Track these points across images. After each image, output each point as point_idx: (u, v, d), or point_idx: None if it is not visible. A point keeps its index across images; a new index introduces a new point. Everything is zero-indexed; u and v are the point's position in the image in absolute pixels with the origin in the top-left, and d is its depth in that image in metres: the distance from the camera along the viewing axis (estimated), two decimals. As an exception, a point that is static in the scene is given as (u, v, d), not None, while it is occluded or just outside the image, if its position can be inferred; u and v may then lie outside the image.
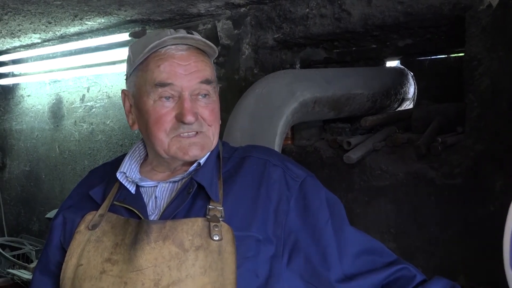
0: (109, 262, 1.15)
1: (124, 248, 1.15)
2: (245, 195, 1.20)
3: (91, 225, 1.22)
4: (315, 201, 1.22)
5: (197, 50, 1.23)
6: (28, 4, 2.49)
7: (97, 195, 1.28)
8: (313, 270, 1.17)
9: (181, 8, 2.57)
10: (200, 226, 1.14)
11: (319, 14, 2.31)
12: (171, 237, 1.13)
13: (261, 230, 1.16)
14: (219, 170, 1.24)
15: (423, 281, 1.20)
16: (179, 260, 1.11)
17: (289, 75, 2.14)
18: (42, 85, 4.21)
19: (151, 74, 1.19)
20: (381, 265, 1.21)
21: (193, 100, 1.19)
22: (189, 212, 1.17)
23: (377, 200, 2.15)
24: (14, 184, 4.54)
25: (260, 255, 1.14)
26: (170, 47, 1.20)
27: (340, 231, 1.21)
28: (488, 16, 1.81)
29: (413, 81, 2.64)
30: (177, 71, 1.18)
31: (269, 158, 1.26)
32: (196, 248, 1.12)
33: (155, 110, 1.19)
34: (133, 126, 1.28)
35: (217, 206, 1.17)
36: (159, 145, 1.20)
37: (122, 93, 1.30)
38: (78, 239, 1.22)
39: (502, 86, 1.79)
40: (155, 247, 1.12)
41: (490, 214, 1.83)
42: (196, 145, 1.20)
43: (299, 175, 1.24)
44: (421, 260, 2.01)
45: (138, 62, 1.22)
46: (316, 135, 2.48)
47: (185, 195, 1.19)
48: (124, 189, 1.25)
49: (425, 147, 1.99)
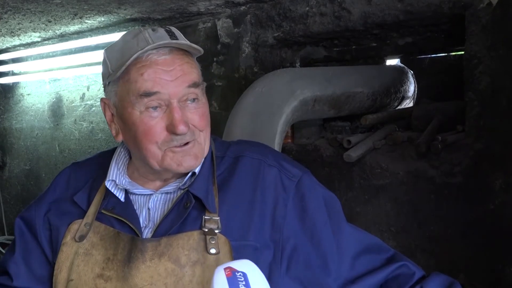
0: (102, 278, 1.11)
1: (117, 265, 1.11)
2: (240, 200, 1.16)
3: (78, 237, 1.17)
4: (313, 202, 1.19)
5: (180, 51, 1.14)
6: (28, 2, 2.49)
7: (81, 200, 1.22)
8: (313, 276, 1.15)
9: (181, 6, 2.56)
10: (196, 240, 1.10)
11: (319, 13, 2.31)
12: (167, 253, 1.09)
13: (258, 237, 1.13)
14: (213, 175, 1.19)
15: (422, 277, 1.19)
16: (176, 277, 1.08)
17: (289, 74, 2.14)
18: (42, 84, 4.21)
19: (134, 84, 1.10)
20: (379, 263, 1.20)
21: (182, 108, 1.12)
22: (184, 225, 1.13)
23: (377, 198, 2.15)
24: (14, 182, 4.54)
25: (258, 263, 1.11)
26: (151, 51, 1.11)
27: (338, 232, 1.19)
28: (488, 15, 1.81)
29: (413, 79, 2.64)
30: (162, 78, 1.10)
31: (263, 158, 1.21)
32: (193, 264, 1.09)
33: (142, 122, 1.11)
34: (117, 137, 1.20)
35: (213, 217, 1.12)
36: (152, 158, 1.13)
37: (102, 102, 1.21)
38: (65, 252, 1.17)
39: (502, 85, 1.79)
40: (151, 265, 1.09)
41: (490, 212, 1.83)
42: (190, 156, 1.14)
43: (295, 174, 1.20)
44: (421, 258, 2.01)
45: (119, 74, 1.12)
46: (316, 133, 2.48)
47: (181, 210, 1.14)
48: (112, 196, 1.19)
49: (425, 146, 1.99)
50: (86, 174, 1.29)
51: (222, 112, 2.64)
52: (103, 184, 1.20)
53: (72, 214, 1.21)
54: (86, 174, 1.28)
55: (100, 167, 1.25)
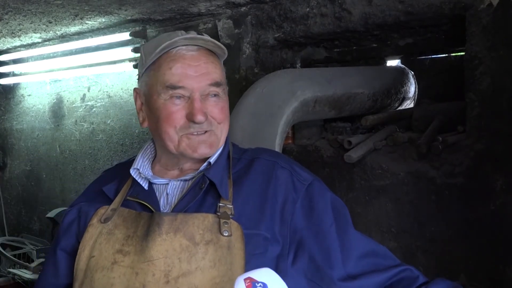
0: (121, 253, 1.18)
1: (136, 240, 1.18)
2: (253, 195, 1.23)
3: (103, 219, 1.25)
4: (321, 204, 1.24)
5: (207, 51, 1.26)
6: (28, 3, 2.50)
7: (110, 191, 1.32)
8: (316, 268, 1.19)
9: (182, 7, 2.57)
10: (211, 222, 1.17)
11: (320, 13, 2.31)
12: (182, 230, 1.16)
13: (269, 229, 1.18)
14: (229, 170, 1.27)
15: (425, 283, 1.20)
16: (190, 253, 1.14)
17: (290, 75, 2.14)
18: (43, 85, 4.21)
19: (163, 75, 1.22)
20: (384, 267, 1.22)
21: (203, 100, 1.23)
22: (200, 208, 1.20)
23: (377, 199, 2.15)
24: (15, 183, 4.54)
25: (267, 253, 1.16)
26: (181, 47, 1.23)
27: (344, 234, 1.23)
28: (488, 15, 1.81)
29: (413, 80, 2.64)
30: (188, 73, 1.21)
31: (277, 160, 1.29)
32: (206, 242, 1.14)
33: (166, 108, 1.22)
34: (143, 124, 1.32)
35: (227, 204, 1.20)
36: (169, 140, 1.23)
37: (134, 91, 1.33)
38: (90, 232, 1.25)
39: (502, 85, 1.80)
40: (166, 238, 1.15)
41: (491, 213, 1.83)
42: (205, 143, 1.24)
43: (306, 178, 1.27)
44: (422, 259, 2.01)
45: (149, 62, 1.25)
46: (316, 134, 2.48)
47: (197, 190, 1.22)
48: (137, 185, 1.28)
49: (425, 146, 1.99)
50: (116, 172, 1.39)
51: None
52: (130, 177, 1.30)
53: (100, 202, 1.30)
54: (116, 173, 1.39)
55: (129, 166, 1.32)
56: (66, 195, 3.99)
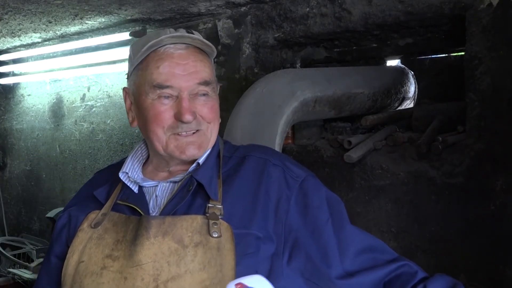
0: (110, 258, 1.16)
1: (125, 245, 1.16)
2: (244, 193, 1.20)
3: (94, 224, 1.24)
4: (315, 200, 1.22)
5: (196, 49, 1.23)
6: (28, 3, 2.49)
7: (101, 195, 1.30)
8: (313, 267, 1.17)
9: (182, 7, 2.57)
10: (200, 223, 1.15)
11: (320, 13, 2.31)
12: (171, 233, 1.14)
13: (261, 228, 1.16)
14: (219, 169, 1.24)
15: (424, 278, 1.20)
16: (178, 256, 1.12)
17: (290, 74, 2.14)
18: (43, 85, 4.21)
19: (150, 75, 1.20)
20: (382, 262, 1.21)
21: (191, 99, 1.21)
22: (189, 210, 1.18)
23: (377, 199, 2.15)
24: (14, 183, 4.54)
25: (260, 252, 1.14)
26: (169, 46, 1.21)
27: (340, 230, 1.21)
28: (488, 15, 1.81)
29: (413, 80, 2.64)
30: (175, 72, 1.19)
31: (269, 158, 1.26)
32: (195, 245, 1.13)
33: (154, 107, 1.20)
34: (133, 123, 1.30)
35: (216, 205, 1.17)
36: (157, 141, 1.22)
37: (124, 91, 1.31)
38: (80, 237, 1.23)
39: (502, 85, 1.80)
40: (155, 242, 1.13)
41: (491, 213, 1.83)
42: (194, 144, 1.22)
43: (299, 174, 1.25)
44: (422, 259, 2.01)
45: (137, 61, 1.23)
46: (316, 134, 2.48)
47: (185, 192, 1.20)
48: (127, 188, 1.27)
49: (425, 146, 1.99)
50: (107, 175, 1.37)
51: (222, 113, 2.61)
52: (121, 182, 1.28)
53: (91, 207, 1.29)
54: (107, 175, 1.37)
55: (120, 168, 1.30)
56: (66, 195, 3.99)
